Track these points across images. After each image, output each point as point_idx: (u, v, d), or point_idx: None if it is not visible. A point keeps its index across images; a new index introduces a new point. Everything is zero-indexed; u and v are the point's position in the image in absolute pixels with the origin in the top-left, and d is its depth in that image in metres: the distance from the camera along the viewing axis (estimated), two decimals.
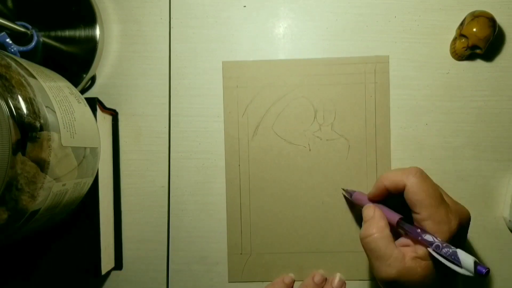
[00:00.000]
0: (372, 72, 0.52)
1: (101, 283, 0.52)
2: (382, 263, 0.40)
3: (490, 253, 0.52)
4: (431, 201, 0.40)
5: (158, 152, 0.52)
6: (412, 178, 0.41)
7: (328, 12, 0.52)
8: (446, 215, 0.40)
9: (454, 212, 0.41)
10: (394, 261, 0.40)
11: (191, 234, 0.52)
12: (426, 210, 0.40)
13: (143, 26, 0.53)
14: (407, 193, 0.41)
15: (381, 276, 0.41)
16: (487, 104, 0.52)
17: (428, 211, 0.40)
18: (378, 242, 0.41)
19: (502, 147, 0.51)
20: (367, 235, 0.42)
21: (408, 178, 0.41)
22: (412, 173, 0.41)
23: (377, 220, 0.43)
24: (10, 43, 0.47)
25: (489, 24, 0.48)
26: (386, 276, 0.40)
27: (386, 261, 0.40)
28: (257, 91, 0.52)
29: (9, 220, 0.33)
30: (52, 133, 0.35)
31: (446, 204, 0.41)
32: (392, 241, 0.41)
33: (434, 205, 0.40)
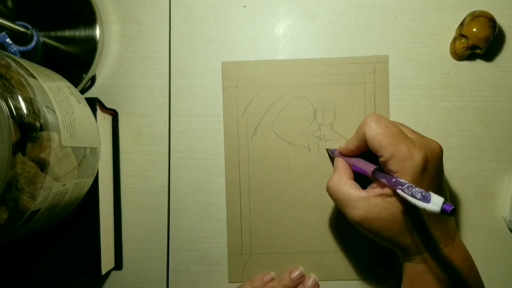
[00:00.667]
0: (372, 72, 0.52)
1: (101, 283, 0.52)
2: (348, 207, 0.42)
3: (491, 253, 0.52)
4: (389, 140, 0.40)
5: (158, 152, 0.52)
6: (367, 125, 0.42)
7: (328, 12, 0.52)
8: (408, 150, 0.40)
9: (418, 146, 0.40)
10: (357, 202, 0.41)
11: (191, 234, 0.52)
12: (386, 150, 0.40)
13: (143, 26, 0.53)
14: (367, 141, 0.42)
15: (350, 219, 0.43)
16: (487, 104, 0.52)
17: (388, 150, 0.40)
18: (339, 190, 0.43)
19: (502, 147, 0.51)
20: (330, 186, 0.44)
21: (365, 127, 0.42)
22: (368, 120, 0.42)
23: (339, 170, 0.45)
24: (10, 43, 0.47)
25: (489, 24, 0.48)
26: (355, 217, 0.42)
27: (350, 204, 0.42)
28: (256, 91, 0.52)
29: (9, 220, 0.33)
30: (52, 133, 0.35)
31: (407, 139, 0.41)
32: (354, 186, 0.43)
33: (393, 143, 0.40)
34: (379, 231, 0.41)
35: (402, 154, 0.40)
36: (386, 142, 0.40)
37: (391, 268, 0.51)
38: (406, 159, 0.39)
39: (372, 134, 0.41)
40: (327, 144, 0.52)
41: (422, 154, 0.40)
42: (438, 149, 0.42)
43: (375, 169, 0.42)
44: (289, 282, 0.50)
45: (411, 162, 0.39)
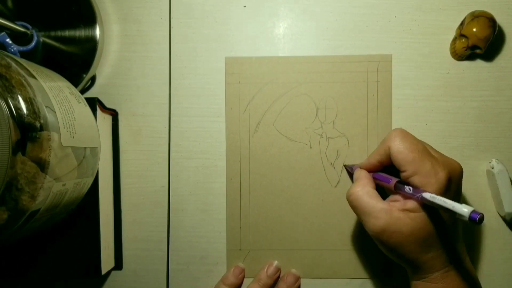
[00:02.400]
0: (375, 71, 0.52)
1: (101, 283, 0.52)
2: (369, 217, 0.42)
3: (490, 253, 0.52)
4: (414, 156, 0.40)
5: (158, 152, 0.52)
6: (393, 140, 0.42)
7: (328, 12, 0.52)
8: (432, 167, 0.40)
9: (442, 164, 0.40)
10: (380, 213, 0.41)
11: (191, 234, 0.52)
12: (411, 165, 0.40)
13: (143, 26, 0.53)
14: (392, 155, 0.42)
15: (370, 229, 0.42)
16: (487, 104, 0.52)
17: (413, 166, 0.40)
18: (361, 198, 0.43)
19: (502, 147, 0.51)
20: (351, 194, 0.44)
21: (390, 141, 0.42)
22: (393, 135, 0.42)
23: (361, 179, 0.45)
24: (10, 43, 0.47)
25: (489, 24, 0.48)
26: (374, 228, 0.41)
27: (372, 214, 0.41)
28: (259, 88, 0.52)
29: (9, 220, 0.33)
30: (52, 133, 0.35)
31: (431, 157, 0.41)
32: (376, 196, 0.42)
33: (418, 159, 0.40)
34: (397, 245, 0.41)
35: (426, 170, 0.40)
36: (411, 157, 0.40)
37: (389, 268, 0.51)
38: (430, 175, 0.39)
39: (398, 149, 0.41)
40: (328, 141, 0.52)
41: (446, 172, 0.40)
42: (459, 168, 0.42)
43: (397, 182, 0.42)
44: (267, 280, 0.50)
45: (435, 179, 0.39)
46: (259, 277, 0.51)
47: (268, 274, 0.51)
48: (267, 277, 0.51)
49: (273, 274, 0.51)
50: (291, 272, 0.52)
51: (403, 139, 0.42)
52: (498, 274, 0.52)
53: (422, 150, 0.41)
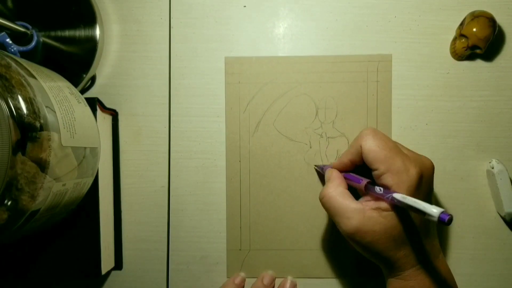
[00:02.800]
0: (375, 71, 0.52)
1: (101, 283, 0.52)
2: (342, 217, 0.42)
3: (491, 253, 0.52)
4: (386, 153, 0.41)
5: (158, 152, 0.52)
6: (364, 139, 0.42)
7: (328, 12, 0.52)
8: (403, 164, 0.40)
9: (413, 161, 0.41)
10: (353, 213, 0.41)
11: (191, 234, 0.52)
12: (382, 163, 0.40)
13: (143, 26, 0.53)
14: (364, 153, 0.42)
15: (343, 229, 0.42)
16: (487, 104, 0.52)
17: (384, 164, 0.40)
18: (334, 199, 0.43)
19: (502, 147, 0.51)
20: (323, 195, 0.44)
21: (362, 139, 0.42)
22: (364, 134, 0.42)
23: (333, 180, 0.45)
24: (10, 43, 0.47)
25: (489, 24, 0.48)
26: (348, 228, 0.41)
27: (345, 214, 0.41)
28: (259, 88, 0.52)
29: (9, 220, 0.33)
30: (52, 133, 0.35)
31: (402, 154, 0.41)
32: (349, 197, 0.43)
33: (389, 157, 0.40)
34: (369, 244, 0.41)
35: (398, 168, 0.40)
36: (383, 155, 0.41)
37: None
38: (401, 172, 0.40)
39: (369, 147, 0.42)
40: (328, 141, 0.52)
41: (418, 169, 0.40)
42: (431, 165, 0.43)
43: (368, 183, 0.42)
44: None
45: (406, 176, 0.40)
46: (255, 286, 0.51)
47: (265, 283, 0.51)
48: (264, 286, 0.51)
49: (269, 283, 0.51)
50: (288, 279, 0.52)
51: (374, 137, 0.42)
52: (498, 274, 0.52)
53: (393, 147, 0.41)
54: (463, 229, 0.52)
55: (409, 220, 0.40)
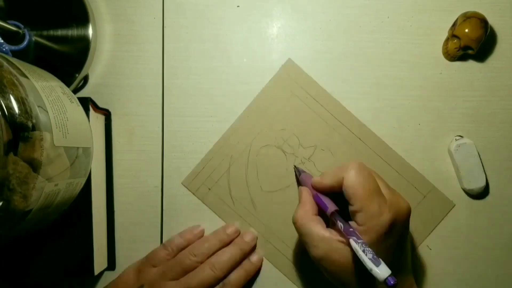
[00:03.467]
0: (290, 81, 0.52)
1: (94, 283, 0.52)
2: (310, 244, 0.42)
3: (491, 252, 0.52)
4: (364, 194, 0.40)
5: (151, 152, 0.52)
6: (348, 172, 0.42)
7: (321, 13, 0.53)
8: (379, 208, 0.40)
9: (389, 205, 0.41)
10: (319, 242, 0.42)
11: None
12: (359, 202, 0.40)
13: (136, 26, 0.52)
14: (344, 186, 0.42)
15: (311, 255, 0.43)
16: (479, 104, 0.52)
17: (360, 203, 0.40)
18: (304, 225, 0.43)
19: (494, 147, 0.52)
20: (296, 220, 0.44)
21: (345, 172, 0.42)
22: (350, 167, 0.42)
23: (305, 204, 0.45)
24: (1, 42, 0.46)
25: (481, 25, 0.48)
26: (314, 256, 0.42)
27: (313, 242, 0.42)
28: (227, 178, 0.52)
29: (1, 220, 0.33)
30: (45, 133, 0.34)
31: (381, 197, 0.41)
32: (319, 223, 0.43)
33: (367, 198, 0.40)
34: (334, 274, 0.42)
35: (372, 211, 0.40)
36: (361, 194, 0.40)
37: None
38: (374, 217, 0.40)
39: (350, 183, 0.41)
40: (311, 162, 0.52)
41: (391, 215, 0.40)
42: (407, 209, 0.43)
43: (335, 211, 0.42)
44: (223, 236, 0.51)
45: (378, 221, 0.40)
46: (217, 231, 0.51)
47: (228, 232, 0.51)
48: (225, 234, 0.51)
49: (232, 233, 0.51)
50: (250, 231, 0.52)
51: (358, 173, 0.42)
52: (502, 275, 0.52)
53: (373, 189, 0.41)
54: (461, 227, 0.52)
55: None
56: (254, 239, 0.51)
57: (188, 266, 0.48)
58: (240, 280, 0.49)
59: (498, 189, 0.52)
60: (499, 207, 0.52)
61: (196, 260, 0.48)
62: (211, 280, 0.48)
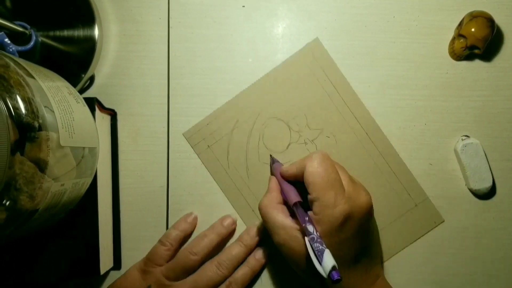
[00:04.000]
0: (313, 59, 0.52)
1: (100, 283, 0.52)
2: (271, 231, 0.44)
3: (491, 252, 0.52)
4: (322, 184, 0.41)
5: (156, 152, 0.52)
6: (311, 161, 0.43)
7: (327, 12, 0.52)
8: (334, 199, 0.40)
9: (347, 198, 0.41)
10: (280, 230, 0.43)
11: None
12: (315, 191, 0.41)
13: (142, 26, 0.53)
14: (304, 175, 0.43)
15: (273, 241, 0.44)
16: (485, 104, 0.52)
17: (317, 193, 0.41)
18: (268, 213, 0.44)
19: (500, 147, 0.52)
20: (260, 207, 0.45)
21: (309, 160, 0.43)
22: (313, 157, 0.43)
23: (270, 192, 0.46)
24: (8, 43, 0.46)
25: (488, 24, 0.48)
26: (275, 242, 0.43)
27: (274, 229, 0.43)
28: (227, 140, 0.52)
29: (8, 220, 0.33)
30: (51, 133, 0.34)
31: (339, 189, 0.41)
32: (282, 211, 0.44)
33: (324, 188, 0.41)
34: (292, 261, 0.43)
35: (326, 201, 0.40)
36: (318, 183, 0.41)
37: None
38: (328, 207, 0.40)
39: (310, 171, 0.42)
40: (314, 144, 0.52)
41: (345, 208, 0.40)
42: (366, 203, 0.43)
43: (296, 202, 0.43)
44: (221, 229, 0.51)
45: (331, 212, 0.40)
46: (214, 226, 0.51)
47: (224, 225, 0.51)
48: (222, 227, 0.51)
49: (229, 225, 0.51)
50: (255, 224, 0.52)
51: (320, 163, 0.42)
52: (497, 275, 0.52)
53: (332, 179, 0.41)
54: (465, 229, 0.52)
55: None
56: (259, 234, 0.51)
57: (189, 266, 0.48)
58: (246, 278, 0.49)
59: (505, 188, 0.52)
60: (506, 206, 0.52)
61: (196, 259, 0.49)
62: (218, 278, 0.48)
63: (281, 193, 0.46)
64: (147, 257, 0.50)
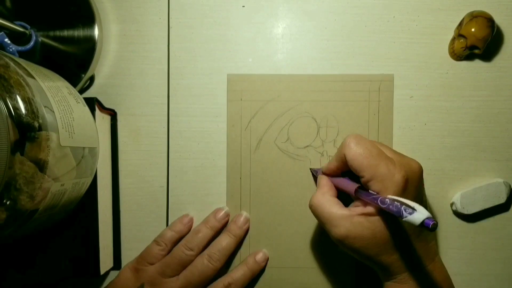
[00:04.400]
0: (377, 90, 0.52)
1: (100, 283, 0.52)
2: (330, 225, 0.42)
3: (491, 252, 0.52)
4: (369, 161, 0.40)
5: (157, 152, 0.52)
6: (347, 147, 0.42)
7: (327, 12, 0.52)
8: (388, 170, 0.40)
9: (398, 166, 0.40)
10: (340, 220, 0.41)
11: None
12: (367, 171, 0.40)
13: (142, 26, 0.53)
14: (348, 162, 0.42)
15: (333, 237, 0.42)
16: (485, 104, 0.52)
17: (369, 171, 0.40)
18: (322, 206, 0.43)
19: (500, 147, 0.52)
20: (312, 204, 0.44)
21: (345, 148, 0.42)
22: (347, 142, 0.42)
23: (322, 187, 0.45)
24: (8, 43, 0.46)
25: (488, 24, 0.48)
26: (336, 236, 0.41)
27: (333, 222, 0.42)
28: (261, 105, 0.52)
29: (8, 220, 0.33)
30: (51, 133, 0.34)
31: (387, 160, 0.41)
32: (337, 204, 0.43)
33: (373, 164, 0.40)
34: (360, 249, 0.41)
35: (382, 174, 0.40)
36: (366, 163, 0.40)
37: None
38: (386, 179, 0.40)
39: (352, 155, 0.41)
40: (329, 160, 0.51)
41: (403, 173, 0.40)
42: (418, 168, 0.42)
43: (357, 188, 0.42)
44: (215, 223, 0.50)
45: (391, 182, 0.39)
46: (207, 219, 0.51)
47: (217, 218, 0.51)
48: (216, 220, 0.51)
49: (222, 218, 0.51)
50: (242, 214, 0.52)
51: (357, 145, 0.42)
52: (496, 274, 0.52)
53: (376, 154, 0.41)
54: (463, 228, 0.52)
55: (397, 224, 0.40)
56: (247, 221, 0.51)
57: (185, 261, 0.49)
58: (245, 280, 0.49)
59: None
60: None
61: (192, 254, 0.49)
62: (211, 272, 0.48)
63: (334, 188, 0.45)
64: (140, 255, 0.50)
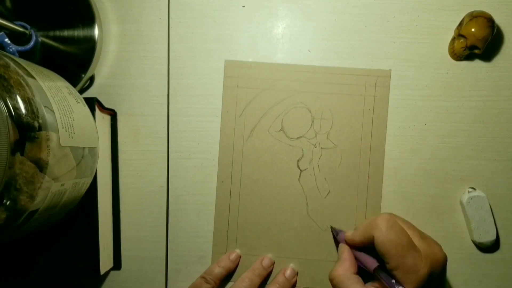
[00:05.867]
0: (373, 85, 0.52)
1: (100, 283, 0.52)
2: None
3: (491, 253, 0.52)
4: (398, 251, 0.40)
5: (156, 152, 0.52)
6: (378, 229, 0.42)
7: (327, 12, 0.52)
8: (414, 263, 0.40)
9: (425, 258, 0.40)
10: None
11: (189, 234, 0.52)
12: (393, 260, 0.40)
13: (142, 26, 0.53)
14: (376, 245, 0.42)
15: None
16: (485, 104, 0.52)
17: (395, 261, 0.40)
18: (343, 283, 0.43)
19: (500, 147, 0.52)
20: (333, 277, 0.44)
21: (375, 230, 0.42)
22: (379, 223, 0.42)
23: (344, 261, 0.45)
24: (8, 43, 0.46)
25: (488, 24, 0.48)
26: None
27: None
28: (257, 93, 0.52)
29: (8, 220, 0.33)
30: (51, 133, 0.34)
31: (415, 251, 0.40)
32: (358, 282, 0.43)
33: (401, 255, 0.40)
34: None
35: (408, 267, 0.40)
36: (394, 252, 0.40)
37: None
38: (411, 272, 0.39)
39: (382, 240, 0.41)
40: (321, 152, 0.52)
41: (428, 268, 0.40)
42: (443, 258, 0.42)
43: (377, 267, 0.42)
44: (262, 270, 0.50)
45: (416, 276, 0.39)
46: (254, 267, 0.51)
47: (264, 265, 0.51)
48: (263, 268, 0.50)
49: (268, 266, 0.51)
50: (290, 266, 0.51)
51: (388, 229, 0.41)
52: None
53: (406, 244, 0.41)
54: (462, 226, 0.52)
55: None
56: (295, 275, 0.51)
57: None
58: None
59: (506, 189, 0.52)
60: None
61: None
62: None
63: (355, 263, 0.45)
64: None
